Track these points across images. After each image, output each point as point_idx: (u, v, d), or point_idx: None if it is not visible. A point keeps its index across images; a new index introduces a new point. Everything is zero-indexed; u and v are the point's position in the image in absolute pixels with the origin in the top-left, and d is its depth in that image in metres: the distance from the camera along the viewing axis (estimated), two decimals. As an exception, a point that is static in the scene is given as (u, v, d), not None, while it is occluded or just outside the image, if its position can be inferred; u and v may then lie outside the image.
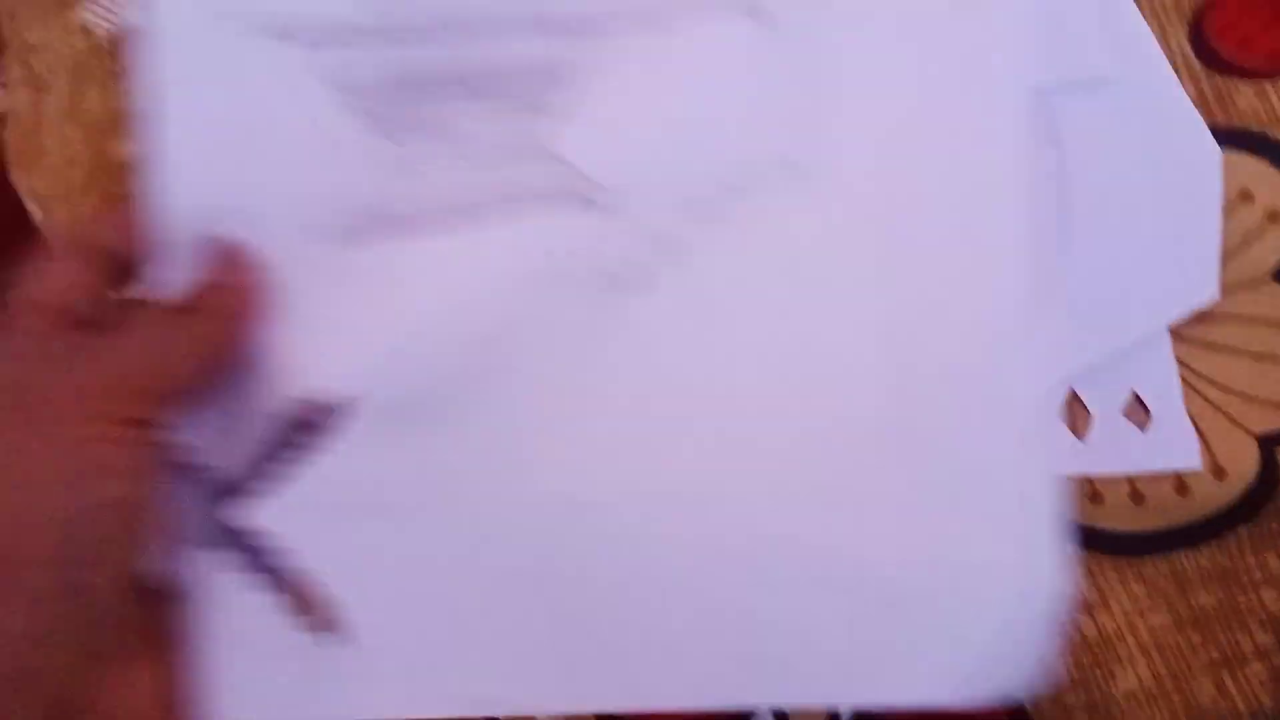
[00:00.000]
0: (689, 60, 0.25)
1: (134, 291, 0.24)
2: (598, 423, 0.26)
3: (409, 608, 0.26)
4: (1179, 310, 0.34)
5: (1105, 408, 0.35)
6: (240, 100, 0.25)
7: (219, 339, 0.22)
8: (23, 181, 0.36)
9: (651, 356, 0.26)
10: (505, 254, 0.25)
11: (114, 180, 0.37)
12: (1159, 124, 0.32)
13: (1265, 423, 0.35)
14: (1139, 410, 0.35)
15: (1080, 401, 0.34)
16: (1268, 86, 0.35)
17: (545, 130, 0.25)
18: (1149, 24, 0.33)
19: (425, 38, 0.24)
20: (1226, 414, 0.35)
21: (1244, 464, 0.35)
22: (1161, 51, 0.33)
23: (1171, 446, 0.35)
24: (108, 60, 0.38)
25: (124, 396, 0.20)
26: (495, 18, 0.24)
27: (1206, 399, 0.35)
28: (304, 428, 0.23)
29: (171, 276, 0.24)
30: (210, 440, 0.25)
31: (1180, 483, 0.35)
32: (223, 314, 0.22)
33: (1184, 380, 0.35)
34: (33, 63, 0.39)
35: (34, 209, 0.36)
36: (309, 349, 0.24)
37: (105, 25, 0.38)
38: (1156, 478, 0.35)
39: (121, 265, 0.23)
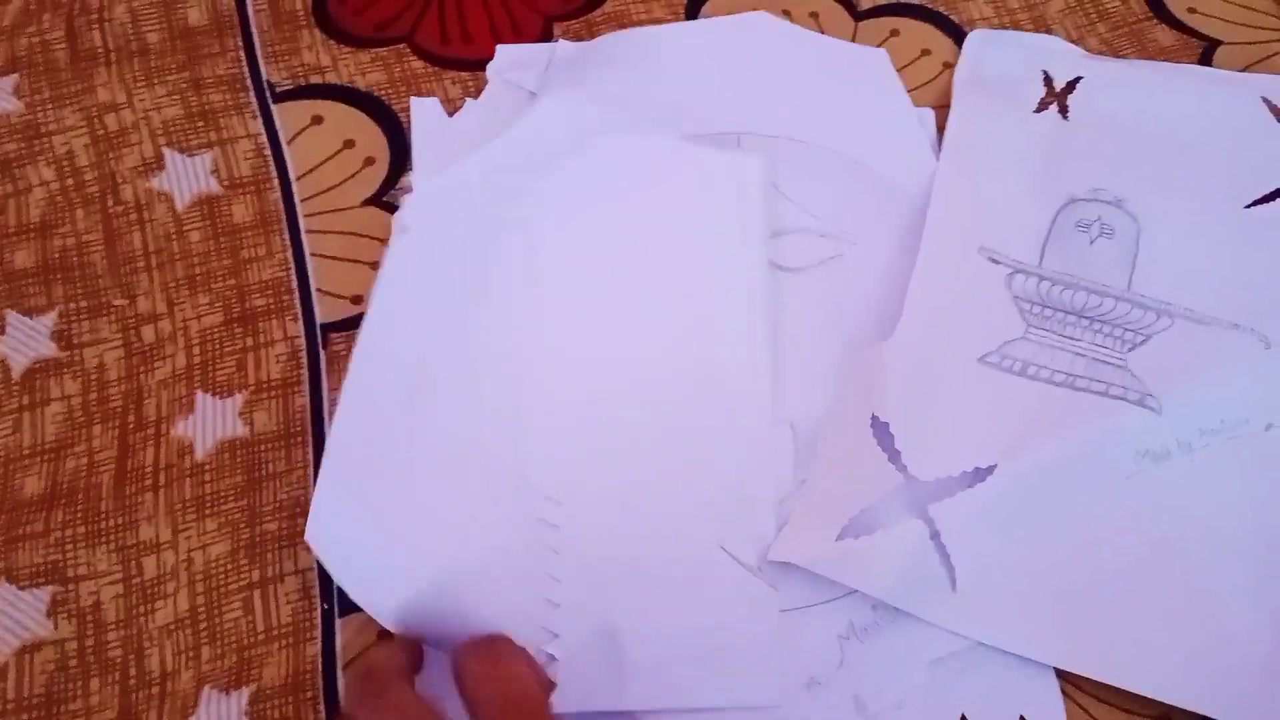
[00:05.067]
0: (1218, 355, 0.39)
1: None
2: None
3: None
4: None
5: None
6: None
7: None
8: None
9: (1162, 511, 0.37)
10: (1071, 415, 0.37)
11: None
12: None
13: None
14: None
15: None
16: None
17: (1125, 352, 0.39)
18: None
19: (1069, 286, 0.40)
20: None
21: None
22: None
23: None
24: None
25: None
26: (1108, 292, 0.40)
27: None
28: None
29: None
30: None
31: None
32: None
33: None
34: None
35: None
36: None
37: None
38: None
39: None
